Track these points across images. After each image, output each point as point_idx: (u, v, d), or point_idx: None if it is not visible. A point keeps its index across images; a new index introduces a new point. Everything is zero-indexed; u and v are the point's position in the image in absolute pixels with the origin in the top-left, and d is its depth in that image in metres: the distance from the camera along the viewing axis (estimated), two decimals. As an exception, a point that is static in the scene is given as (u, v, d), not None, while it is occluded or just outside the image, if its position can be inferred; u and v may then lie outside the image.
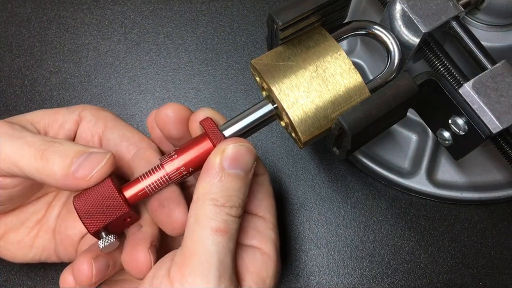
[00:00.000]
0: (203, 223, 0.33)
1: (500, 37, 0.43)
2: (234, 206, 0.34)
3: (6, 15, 0.55)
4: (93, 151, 0.35)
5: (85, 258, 0.36)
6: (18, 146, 0.35)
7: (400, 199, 0.49)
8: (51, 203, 0.41)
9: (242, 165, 0.34)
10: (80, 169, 0.34)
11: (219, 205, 0.33)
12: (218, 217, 0.33)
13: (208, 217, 0.33)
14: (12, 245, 0.40)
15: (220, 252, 0.33)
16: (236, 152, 0.34)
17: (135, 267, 0.35)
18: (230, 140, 0.35)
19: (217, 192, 0.34)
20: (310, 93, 0.35)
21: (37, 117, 0.40)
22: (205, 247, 0.32)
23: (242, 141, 0.35)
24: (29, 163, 0.35)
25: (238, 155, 0.34)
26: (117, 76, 0.53)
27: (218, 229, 0.33)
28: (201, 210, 0.33)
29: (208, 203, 0.33)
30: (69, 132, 0.40)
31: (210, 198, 0.33)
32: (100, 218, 0.35)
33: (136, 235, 0.37)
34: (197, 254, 0.32)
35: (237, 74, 0.53)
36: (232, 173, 0.34)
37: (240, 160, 0.34)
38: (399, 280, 0.47)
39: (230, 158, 0.34)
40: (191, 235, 0.33)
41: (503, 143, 0.37)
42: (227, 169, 0.34)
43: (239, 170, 0.34)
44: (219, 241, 0.33)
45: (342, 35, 0.39)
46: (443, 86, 0.35)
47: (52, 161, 0.34)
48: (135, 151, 0.39)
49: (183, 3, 0.56)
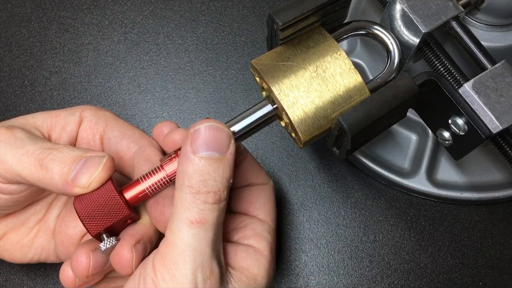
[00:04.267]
0: (179, 214, 0.33)
1: (500, 37, 0.43)
2: (212, 191, 0.33)
3: (6, 15, 0.55)
4: (90, 155, 0.35)
5: (84, 250, 0.36)
6: (19, 157, 0.35)
7: (400, 199, 0.49)
8: (52, 204, 0.41)
9: (215, 146, 0.33)
10: (78, 176, 0.34)
11: (194, 192, 0.32)
12: (194, 207, 0.32)
13: (184, 207, 0.33)
14: (11, 246, 0.40)
15: (197, 244, 0.32)
16: (207, 133, 0.33)
17: (117, 262, 0.35)
18: (197, 123, 0.34)
19: (191, 178, 0.32)
20: (310, 93, 0.35)
21: (39, 120, 0.40)
22: (181, 240, 0.32)
23: (209, 121, 0.33)
24: (30, 173, 0.35)
25: (209, 136, 0.33)
26: (117, 76, 0.54)
27: (193, 220, 0.32)
28: (178, 200, 0.33)
29: (185, 191, 0.33)
30: (71, 133, 0.40)
31: (186, 185, 0.33)
32: (101, 221, 0.35)
33: (128, 230, 0.37)
34: (174, 246, 0.32)
35: (237, 74, 0.53)
36: (205, 155, 0.33)
37: (212, 141, 0.33)
38: (399, 280, 0.47)
39: (201, 141, 0.33)
40: (170, 226, 0.33)
41: (503, 143, 0.37)
42: (200, 152, 0.33)
43: (212, 152, 0.33)
44: (195, 233, 0.32)
45: (342, 35, 0.39)
46: (443, 86, 0.35)
47: (51, 169, 0.35)
48: (136, 149, 0.39)
49: (183, 3, 0.56)
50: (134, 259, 0.35)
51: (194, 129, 0.33)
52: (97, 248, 0.36)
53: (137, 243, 0.36)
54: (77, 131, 0.41)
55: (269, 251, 0.37)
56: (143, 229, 0.37)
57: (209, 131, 0.33)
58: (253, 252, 0.36)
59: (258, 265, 0.36)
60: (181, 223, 0.33)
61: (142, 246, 0.36)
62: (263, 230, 0.38)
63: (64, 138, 0.40)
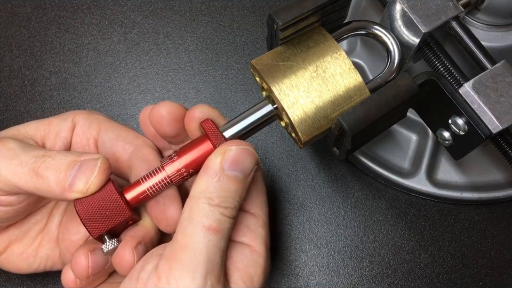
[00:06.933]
0: (196, 220, 0.33)
1: (500, 37, 0.43)
2: (229, 207, 0.34)
3: (6, 15, 0.55)
4: (84, 158, 0.35)
5: (82, 251, 0.36)
6: (13, 168, 0.35)
7: (400, 199, 0.49)
8: (52, 212, 0.41)
9: (242, 168, 0.34)
10: (75, 181, 0.34)
11: (214, 204, 0.33)
12: (211, 216, 0.33)
13: (201, 214, 0.33)
14: (16, 257, 0.40)
15: (210, 250, 0.33)
16: (238, 154, 0.34)
17: (119, 263, 0.35)
18: (233, 142, 0.35)
19: (214, 192, 0.34)
20: (310, 93, 0.35)
21: (32, 130, 0.39)
22: (196, 243, 0.33)
23: (244, 144, 0.35)
24: (27, 183, 0.35)
25: (239, 158, 0.34)
26: (117, 76, 0.53)
27: (210, 227, 0.33)
28: (195, 207, 0.34)
29: (203, 201, 0.33)
30: (65, 140, 0.40)
31: (206, 196, 0.34)
32: (103, 223, 0.35)
33: (129, 232, 0.37)
34: (187, 250, 0.33)
35: (237, 74, 0.53)
36: (231, 174, 0.34)
37: (240, 163, 0.34)
38: (399, 280, 0.47)
39: (230, 160, 0.34)
40: (183, 230, 0.33)
41: (503, 143, 0.37)
42: (227, 170, 0.34)
43: (238, 173, 0.34)
44: (210, 239, 0.33)
45: (342, 35, 0.39)
46: (443, 86, 0.35)
47: (47, 177, 0.34)
48: (131, 150, 0.39)
49: (183, 3, 0.56)
50: (135, 260, 0.35)
51: (230, 147, 0.34)
52: (96, 249, 0.37)
53: (138, 244, 0.36)
54: (71, 137, 0.40)
55: (264, 247, 0.37)
56: (144, 230, 0.37)
57: (241, 153, 0.34)
58: (249, 252, 0.36)
59: (254, 266, 0.36)
60: (197, 229, 0.33)
61: (143, 247, 0.36)
62: (257, 225, 0.37)
63: (59, 145, 0.40)
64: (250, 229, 0.37)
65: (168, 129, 0.38)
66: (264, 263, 0.37)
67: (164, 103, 0.37)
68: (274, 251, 0.48)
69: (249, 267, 0.36)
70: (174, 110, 0.37)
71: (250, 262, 0.36)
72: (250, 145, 0.35)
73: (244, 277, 0.35)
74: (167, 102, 0.38)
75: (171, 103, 0.38)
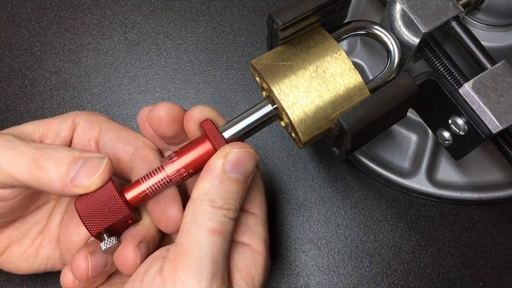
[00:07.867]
0: (199, 222, 0.33)
1: (500, 37, 0.43)
2: (231, 209, 0.34)
3: (6, 15, 0.55)
4: (89, 156, 0.35)
5: (82, 253, 0.36)
6: (12, 157, 0.35)
7: (400, 199, 0.49)
8: (52, 212, 0.41)
9: (243, 170, 0.35)
10: (78, 176, 0.34)
11: (216, 206, 0.34)
12: (215, 218, 0.33)
13: (205, 217, 0.33)
14: (16, 258, 0.40)
15: (215, 253, 0.33)
16: (240, 156, 0.34)
17: (122, 263, 0.35)
18: (235, 144, 0.35)
19: (216, 194, 0.34)
20: (310, 93, 0.35)
21: (30, 128, 0.39)
22: (200, 246, 0.33)
23: (246, 146, 0.35)
24: (25, 173, 0.34)
25: (240, 160, 0.34)
26: (117, 76, 0.54)
27: (214, 229, 0.33)
28: (198, 209, 0.34)
29: (206, 204, 0.34)
30: (65, 140, 0.40)
31: (208, 199, 0.34)
32: (102, 221, 0.35)
33: (130, 231, 0.37)
34: (192, 252, 0.33)
35: (237, 74, 0.53)
36: (232, 176, 0.34)
37: (242, 165, 0.34)
38: (399, 280, 0.47)
39: (232, 162, 0.34)
40: (186, 233, 0.33)
41: (503, 143, 0.37)
42: (229, 172, 0.34)
43: (239, 175, 0.34)
44: (214, 241, 0.33)
45: (342, 35, 0.39)
46: (443, 86, 0.35)
47: (47, 169, 0.34)
48: (132, 151, 0.39)
49: (183, 3, 0.56)
50: (138, 259, 0.35)
51: (232, 149, 0.34)
52: (95, 251, 0.36)
53: (140, 243, 0.36)
54: (71, 137, 0.40)
55: (264, 247, 0.37)
56: (145, 229, 0.37)
57: (243, 155, 0.35)
58: (249, 252, 0.36)
59: (255, 265, 0.36)
60: (201, 231, 0.33)
61: (145, 246, 0.36)
62: (256, 224, 0.37)
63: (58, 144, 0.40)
64: (249, 228, 0.37)
65: (167, 130, 0.38)
66: (264, 262, 0.37)
67: (162, 104, 0.37)
68: (274, 251, 0.48)
69: (250, 266, 0.36)
70: (173, 111, 0.37)
71: (251, 261, 0.36)
72: (252, 147, 0.35)
73: (245, 277, 0.35)
74: (166, 103, 0.37)
75: (169, 104, 0.38)
